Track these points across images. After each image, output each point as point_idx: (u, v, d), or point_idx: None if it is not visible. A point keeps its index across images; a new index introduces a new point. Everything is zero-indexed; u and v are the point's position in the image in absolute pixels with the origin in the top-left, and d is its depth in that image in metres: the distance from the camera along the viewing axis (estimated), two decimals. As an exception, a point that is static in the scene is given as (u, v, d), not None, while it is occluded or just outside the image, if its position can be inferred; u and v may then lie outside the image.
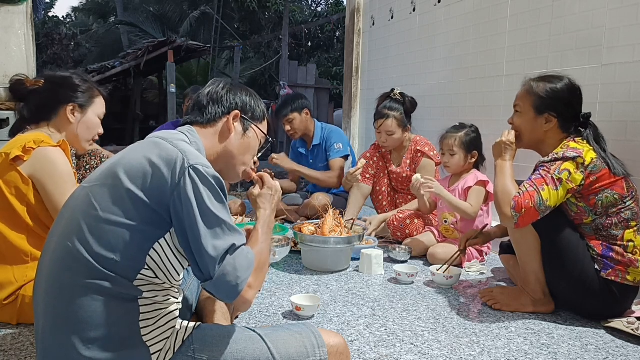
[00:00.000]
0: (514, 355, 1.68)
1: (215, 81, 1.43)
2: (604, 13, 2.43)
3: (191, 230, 1.04)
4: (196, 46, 11.96)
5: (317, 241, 2.47)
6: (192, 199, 1.04)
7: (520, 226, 1.89)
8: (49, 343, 1.04)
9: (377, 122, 3.20)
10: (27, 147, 1.68)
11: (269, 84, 17.13)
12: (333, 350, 1.19)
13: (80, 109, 1.84)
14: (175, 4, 18.47)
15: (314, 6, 22.25)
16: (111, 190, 1.06)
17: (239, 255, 1.08)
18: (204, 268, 1.05)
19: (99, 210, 1.04)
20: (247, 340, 1.14)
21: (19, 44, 3.99)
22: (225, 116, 1.33)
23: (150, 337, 1.07)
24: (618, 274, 1.88)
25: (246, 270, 1.08)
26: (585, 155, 1.87)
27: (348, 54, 5.07)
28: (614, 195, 1.88)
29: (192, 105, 1.39)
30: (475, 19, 3.32)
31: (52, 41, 14.60)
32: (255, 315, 1.95)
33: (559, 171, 1.87)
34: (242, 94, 1.38)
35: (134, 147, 1.17)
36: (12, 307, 1.69)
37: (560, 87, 1.99)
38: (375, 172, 3.33)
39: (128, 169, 1.07)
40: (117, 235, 1.02)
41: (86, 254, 1.02)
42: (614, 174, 1.88)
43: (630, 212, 1.90)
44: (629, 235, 1.90)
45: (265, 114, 1.43)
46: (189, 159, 1.07)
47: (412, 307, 2.09)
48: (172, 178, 1.05)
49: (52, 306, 1.04)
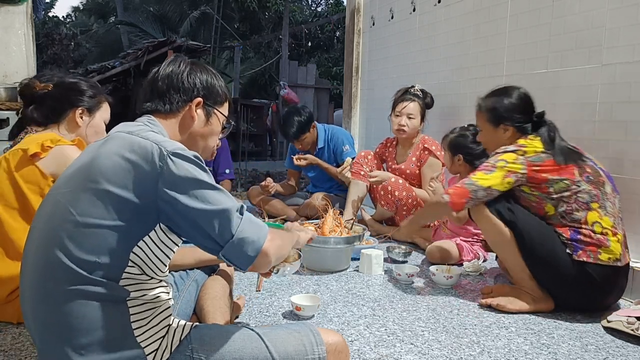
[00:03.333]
0: (514, 355, 1.68)
1: (174, 60, 1.32)
2: (604, 13, 2.43)
3: (198, 206, 1.03)
4: (196, 46, 11.95)
5: (317, 241, 2.47)
6: (184, 178, 1.03)
7: (455, 206, 2.04)
8: (43, 350, 1.04)
9: (398, 105, 3.24)
10: (45, 145, 1.75)
11: (269, 84, 17.12)
12: (332, 349, 1.19)
13: (89, 112, 1.93)
14: (175, 4, 18.46)
15: (314, 6, 22.24)
16: (87, 194, 1.03)
17: (250, 215, 1.10)
18: (219, 235, 1.04)
19: (76, 215, 1.01)
20: (245, 339, 1.14)
21: (19, 44, 4.00)
22: (188, 104, 1.27)
23: (144, 338, 1.06)
24: (589, 254, 1.93)
25: (261, 225, 1.09)
26: (527, 148, 2.02)
27: (348, 54, 5.07)
28: (564, 180, 1.99)
29: (149, 88, 1.29)
30: (475, 19, 3.32)
31: (52, 41, 14.59)
32: (255, 315, 1.95)
33: (495, 160, 2.04)
34: (202, 75, 1.30)
35: (99, 147, 1.11)
36: (14, 304, 1.70)
37: (506, 99, 2.17)
38: (370, 169, 3.33)
39: (104, 170, 1.04)
40: (98, 237, 1.00)
41: (67, 261, 1.00)
42: (560, 164, 1.99)
43: (587, 195, 1.97)
44: (593, 217, 1.96)
45: (226, 96, 1.36)
46: (166, 147, 1.05)
47: (412, 307, 2.09)
48: (152, 169, 1.03)
49: (39, 316, 1.03)
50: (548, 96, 2.64)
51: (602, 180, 2.01)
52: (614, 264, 1.94)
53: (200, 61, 1.38)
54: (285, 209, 3.69)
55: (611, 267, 1.94)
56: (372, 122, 4.75)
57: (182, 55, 1.35)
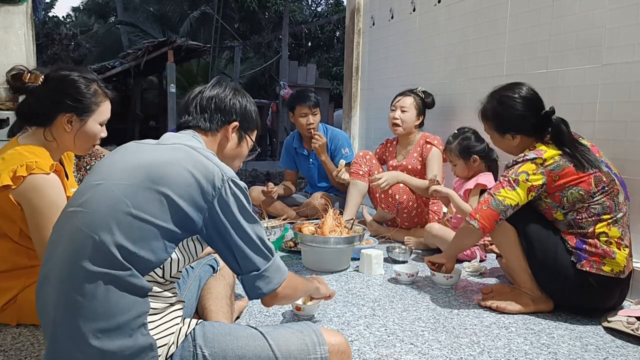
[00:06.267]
0: (514, 355, 1.68)
1: (219, 83, 1.46)
2: (604, 13, 2.43)
3: (237, 232, 1.17)
4: (196, 46, 11.96)
5: (317, 241, 2.47)
6: (235, 206, 1.16)
7: (485, 230, 1.98)
8: (59, 333, 1.06)
9: (394, 101, 3.27)
10: (17, 175, 1.54)
11: (269, 84, 17.14)
12: (334, 349, 1.20)
13: (79, 118, 1.67)
14: (175, 4, 18.47)
15: (314, 6, 22.25)
16: (147, 192, 1.10)
17: (279, 258, 1.27)
18: (246, 264, 1.20)
19: (131, 207, 1.07)
20: (249, 337, 1.16)
21: (19, 44, 3.99)
22: (225, 126, 1.41)
23: (157, 332, 1.09)
24: (592, 264, 1.91)
25: (284, 273, 1.27)
26: (545, 156, 1.94)
27: (348, 54, 5.07)
28: (580, 191, 1.92)
29: (193, 104, 1.40)
30: (475, 19, 3.32)
31: (52, 41, 14.57)
32: (255, 315, 1.95)
33: (517, 173, 1.96)
34: (243, 101, 1.45)
35: (164, 152, 1.20)
36: (11, 310, 1.69)
37: (509, 108, 2.05)
38: (369, 169, 3.33)
39: (168, 177, 1.12)
40: (144, 232, 1.07)
41: (110, 243, 1.04)
42: (579, 171, 1.92)
43: (600, 206, 1.93)
44: (601, 228, 1.93)
45: (258, 124, 1.52)
46: (225, 172, 1.18)
47: (412, 307, 2.09)
48: (212, 189, 1.14)
49: (65, 295, 1.05)
50: (548, 96, 2.61)
51: (617, 189, 1.96)
52: (616, 276, 1.92)
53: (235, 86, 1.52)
54: (285, 209, 3.68)
55: (613, 278, 1.93)
56: (372, 122, 4.75)
57: (226, 79, 1.43)
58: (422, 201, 3.15)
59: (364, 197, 3.37)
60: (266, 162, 11.72)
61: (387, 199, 3.12)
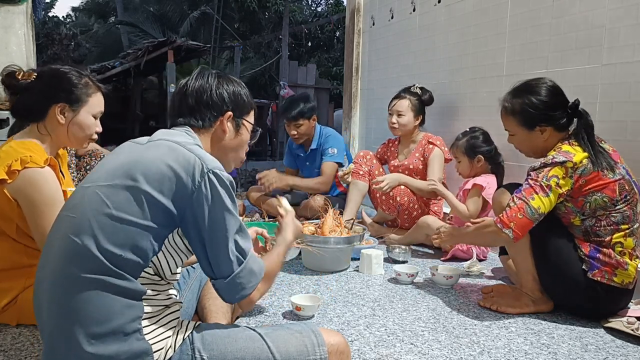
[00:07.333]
0: (514, 355, 1.68)
1: (201, 74, 1.37)
2: (604, 13, 2.43)
3: (211, 231, 1.11)
4: (196, 46, 11.95)
5: (317, 241, 2.47)
6: (213, 201, 1.11)
7: (519, 239, 1.89)
8: (55, 338, 1.05)
9: (390, 104, 3.25)
10: (12, 169, 1.56)
11: (269, 84, 17.14)
12: (333, 349, 1.20)
13: (71, 108, 1.68)
14: (175, 4, 18.47)
15: (314, 6, 22.26)
16: (126, 191, 1.08)
17: (253, 259, 1.19)
18: (218, 267, 1.14)
19: (112, 208, 1.06)
20: (247, 339, 1.15)
21: (19, 44, 4.00)
22: (219, 119, 1.35)
23: (153, 336, 1.08)
24: (604, 274, 1.88)
25: (258, 276, 1.20)
26: (575, 159, 1.86)
27: (348, 54, 5.07)
28: (604, 198, 1.87)
29: (179, 103, 1.34)
30: (475, 19, 3.32)
31: (52, 41, 14.58)
32: (255, 315, 1.95)
33: (547, 177, 1.86)
34: (230, 87, 1.37)
35: (144, 150, 1.17)
36: (11, 310, 1.69)
37: (536, 98, 1.96)
38: (369, 169, 3.33)
39: (146, 172, 1.09)
40: (128, 233, 1.05)
41: (94, 249, 1.03)
42: (605, 177, 1.86)
43: (620, 215, 1.88)
44: (618, 238, 1.89)
45: (252, 103, 1.44)
46: (207, 164, 1.13)
47: (412, 307, 2.09)
48: (192, 182, 1.10)
49: (56, 302, 1.05)
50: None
51: (636, 198, 1.91)
52: (625, 287, 1.91)
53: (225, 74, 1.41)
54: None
55: (621, 289, 1.91)
56: (372, 122, 4.75)
57: (208, 68, 1.38)
58: (423, 202, 3.15)
59: (364, 197, 3.37)
60: (266, 162, 11.72)
61: (388, 201, 3.13)
